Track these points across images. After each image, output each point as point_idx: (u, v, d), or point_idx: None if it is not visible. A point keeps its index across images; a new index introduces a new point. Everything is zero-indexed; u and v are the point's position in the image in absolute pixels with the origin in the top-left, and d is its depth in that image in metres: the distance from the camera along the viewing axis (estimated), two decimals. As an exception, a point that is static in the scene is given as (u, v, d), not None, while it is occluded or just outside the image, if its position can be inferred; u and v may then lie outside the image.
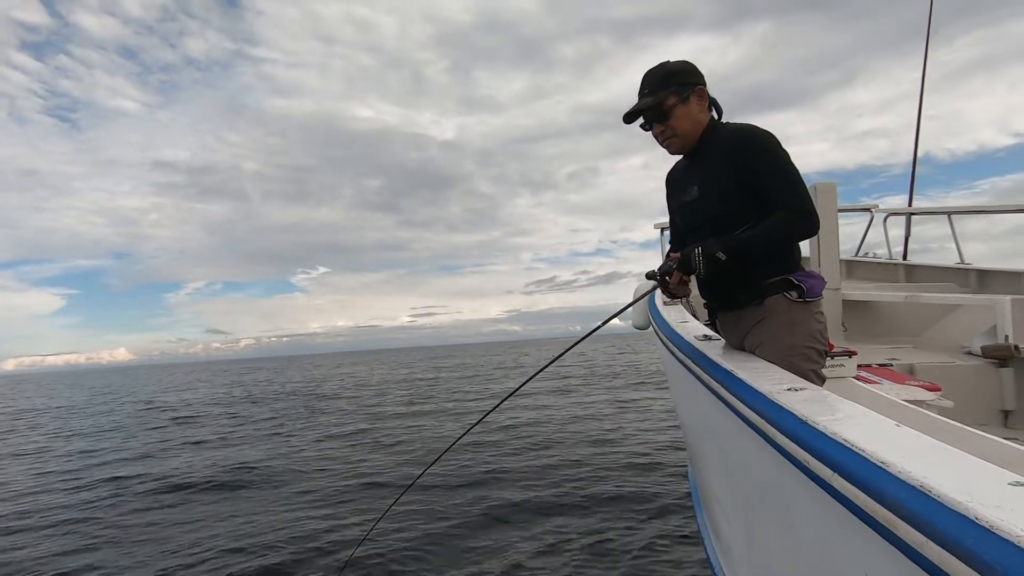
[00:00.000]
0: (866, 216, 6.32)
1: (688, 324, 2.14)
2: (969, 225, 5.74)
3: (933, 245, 5.85)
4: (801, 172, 1.65)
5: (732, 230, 1.64)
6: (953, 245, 5.53)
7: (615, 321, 2.18)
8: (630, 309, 3.17)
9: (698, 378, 1.65)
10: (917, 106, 6.92)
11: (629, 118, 1.80)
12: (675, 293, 1.77)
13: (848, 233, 6.62)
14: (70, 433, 12.17)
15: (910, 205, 6.90)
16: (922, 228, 6.37)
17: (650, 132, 1.82)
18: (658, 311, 2.47)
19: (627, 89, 1.79)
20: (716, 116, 1.81)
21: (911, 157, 7.11)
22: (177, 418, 13.61)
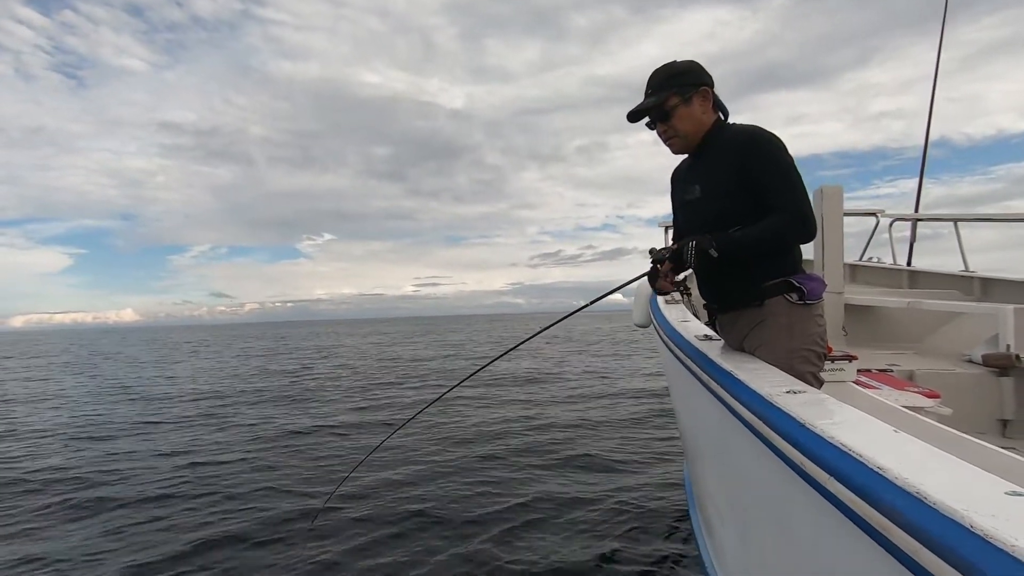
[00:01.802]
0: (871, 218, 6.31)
1: (689, 324, 2.14)
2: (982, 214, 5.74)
3: (944, 230, 5.79)
4: (813, 153, 1.63)
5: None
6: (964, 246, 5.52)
7: (622, 299, 2.16)
8: (633, 304, 3.17)
9: (697, 378, 1.65)
10: (930, 98, 6.86)
11: (633, 117, 1.81)
12: (660, 285, 1.76)
13: (855, 244, 6.59)
14: None
15: (916, 210, 6.88)
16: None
17: (655, 130, 1.84)
18: (659, 310, 2.47)
19: (640, 62, 1.79)
20: (723, 117, 1.81)
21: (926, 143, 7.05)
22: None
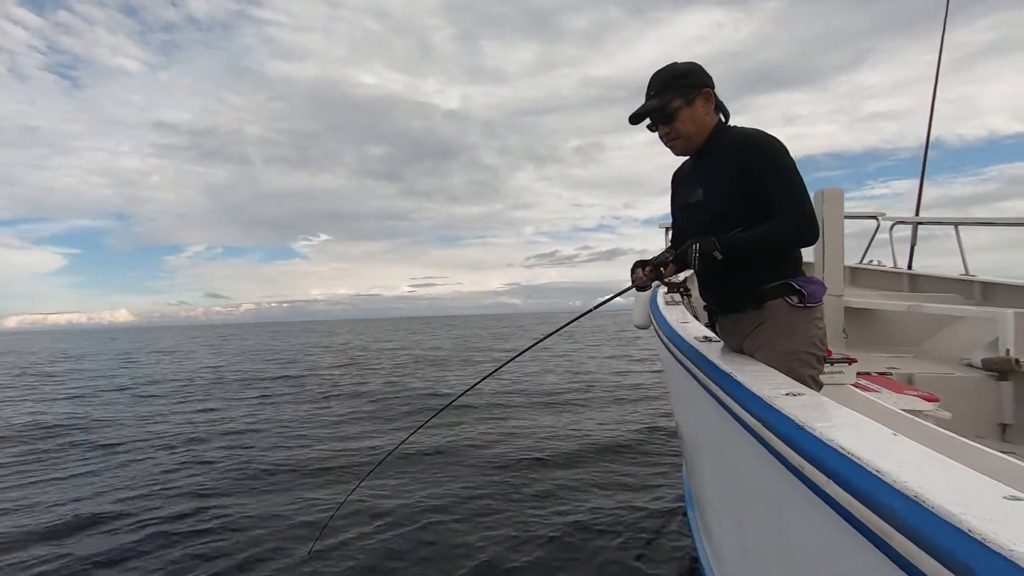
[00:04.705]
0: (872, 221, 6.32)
1: (689, 325, 2.14)
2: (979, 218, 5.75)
3: (940, 231, 5.79)
4: (807, 154, 1.63)
5: None
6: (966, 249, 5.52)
7: (621, 300, 2.15)
8: (634, 306, 3.17)
9: (696, 379, 1.65)
10: (931, 100, 6.86)
11: (635, 119, 1.81)
12: (636, 277, 1.79)
13: (856, 245, 6.56)
14: None
15: (917, 213, 6.88)
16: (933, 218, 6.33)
17: (656, 133, 1.84)
18: (659, 311, 2.47)
19: (636, 63, 1.81)
20: (724, 119, 1.81)
21: (919, 141, 7.09)
22: None
